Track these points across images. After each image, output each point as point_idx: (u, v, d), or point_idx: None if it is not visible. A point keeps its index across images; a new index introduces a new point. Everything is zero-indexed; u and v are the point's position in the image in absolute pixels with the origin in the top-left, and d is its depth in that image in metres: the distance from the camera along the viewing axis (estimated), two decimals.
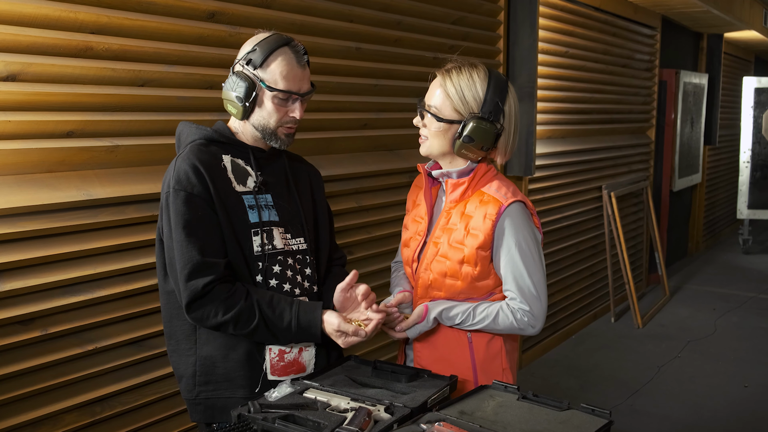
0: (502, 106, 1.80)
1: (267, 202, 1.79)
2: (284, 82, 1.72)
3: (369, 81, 3.07)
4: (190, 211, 1.66)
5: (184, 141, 1.79)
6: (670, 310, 5.84)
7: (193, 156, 1.71)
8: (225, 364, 1.75)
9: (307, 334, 1.71)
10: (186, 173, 1.68)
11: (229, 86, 1.73)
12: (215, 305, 1.65)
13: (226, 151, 1.78)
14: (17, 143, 1.92)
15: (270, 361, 1.76)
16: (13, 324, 1.92)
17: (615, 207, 5.32)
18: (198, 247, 1.65)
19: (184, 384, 1.79)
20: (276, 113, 1.75)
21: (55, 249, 1.98)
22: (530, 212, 1.86)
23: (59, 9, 1.95)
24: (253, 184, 1.77)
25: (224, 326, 1.67)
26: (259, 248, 1.74)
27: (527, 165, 4.07)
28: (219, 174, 1.73)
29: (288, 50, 1.73)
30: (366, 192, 3.10)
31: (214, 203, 1.69)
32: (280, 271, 1.77)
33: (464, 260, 1.82)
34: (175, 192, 1.67)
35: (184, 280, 1.64)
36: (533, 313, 1.80)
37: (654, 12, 6.02)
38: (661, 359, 4.67)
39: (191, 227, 1.65)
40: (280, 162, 1.88)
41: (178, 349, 1.79)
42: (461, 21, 3.60)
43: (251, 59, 1.72)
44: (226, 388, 1.76)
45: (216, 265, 1.66)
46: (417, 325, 1.85)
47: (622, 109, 5.78)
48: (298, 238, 1.83)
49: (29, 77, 1.93)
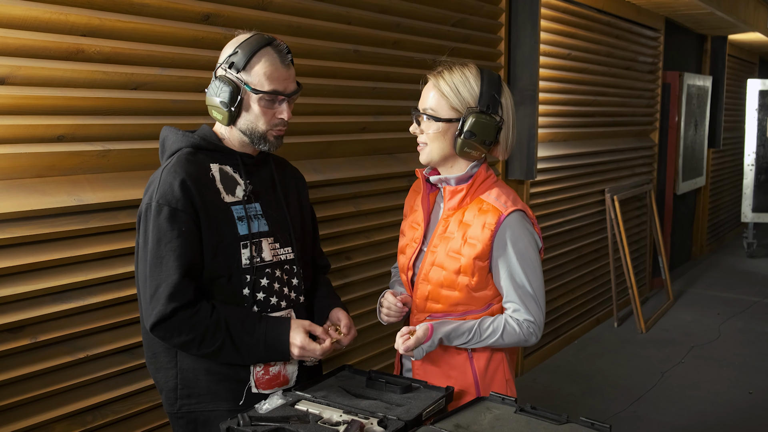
0: (498, 98, 1.76)
1: (256, 211, 1.75)
2: (269, 84, 1.67)
3: (367, 84, 3.03)
4: (173, 228, 1.62)
5: (170, 148, 1.75)
6: (674, 314, 5.78)
7: (181, 168, 1.66)
8: (208, 377, 1.71)
9: (276, 351, 1.67)
10: (171, 186, 1.63)
11: (212, 91, 1.68)
12: (179, 326, 1.61)
13: (213, 159, 1.74)
14: (6, 148, 1.89)
15: (255, 374, 1.73)
16: (2, 332, 1.88)
17: (618, 210, 5.27)
18: (177, 267, 1.60)
19: (165, 397, 1.76)
20: (263, 116, 1.70)
21: (44, 255, 1.94)
22: (531, 221, 1.81)
23: (49, 11, 1.91)
24: (242, 193, 1.73)
25: (188, 346, 1.63)
26: (247, 261, 1.70)
27: (529, 168, 4.02)
28: (207, 186, 1.68)
29: (271, 50, 1.69)
30: (365, 196, 3.07)
31: (198, 218, 1.65)
32: (267, 284, 1.73)
33: (461, 270, 1.77)
34: (158, 206, 1.62)
35: (155, 298, 1.60)
36: (536, 323, 1.77)
37: (657, 14, 5.98)
38: (665, 365, 4.62)
39: (172, 245, 1.61)
40: (267, 168, 1.85)
41: (157, 362, 1.75)
42: (461, 23, 3.56)
43: (233, 62, 1.67)
44: (209, 401, 1.72)
45: (188, 289, 1.62)
46: (422, 346, 1.76)
47: (625, 112, 5.73)
48: (286, 248, 1.80)
49: (18, 80, 1.89)
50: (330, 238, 2.89)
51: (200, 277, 1.67)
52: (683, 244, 7.53)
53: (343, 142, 2.97)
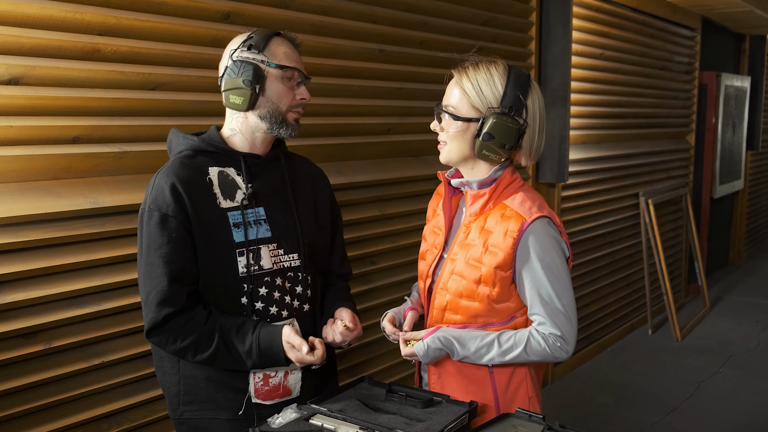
0: (524, 100, 1.64)
1: (258, 216, 1.68)
2: (289, 62, 1.68)
3: (393, 84, 2.95)
4: (162, 234, 1.57)
5: (174, 151, 1.71)
6: (711, 322, 5.61)
7: (173, 172, 1.61)
8: (207, 385, 1.67)
9: (269, 357, 1.60)
10: (162, 191, 1.59)
11: (231, 74, 1.64)
12: (174, 333, 1.58)
13: (214, 162, 1.68)
14: (21, 149, 1.85)
15: (254, 384, 1.67)
16: (16, 337, 1.85)
17: (653, 214, 5.13)
18: (165, 273, 1.57)
19: (169, 402, 1.73)
20: (286, 95, 1.68)
21: (59, 259, 1.90)
22: (558, 228, 1.69)
23: (65, 10, 1.87)
24: (241, 197, 1.67)
25: (184, 353, 1.60)
26: (244, 269, 1.64)
27: (560, 171, 3.92)
28: (201, 190, 1.62)
29: (282, 37, 1.72)
30: (390, 200, 2.99)
31: (191, 224, 1.60)
32: (266, 293, 1.67)
33: (481, 280, 1.66)
34: (149, 211, 1.59)
35: (147, 305, 1.59)
36: (565, 338, 1.64)
37: (694, 13, 5.82)
38: (701, 374, 4.47)
39: (161, 251, 1.57)
40: (277, 168, 1.77)
41: (162, 367, 1.72)
42: (491, 22, 3.46)
43: (252, 44, 1.65)
44: (209, 408, 1.68)
45: (180, 295, 1.58)
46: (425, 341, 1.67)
47: (660, 114, 5.58)
48: (291, 254, 1.72)
49: (33, 80, 1.85)
50: (354, 242, 2.82)
51: (194, 284, 1.62)
52: (720, 249, 7.33)
53: (368, 144, 2.90)
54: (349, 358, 2.83)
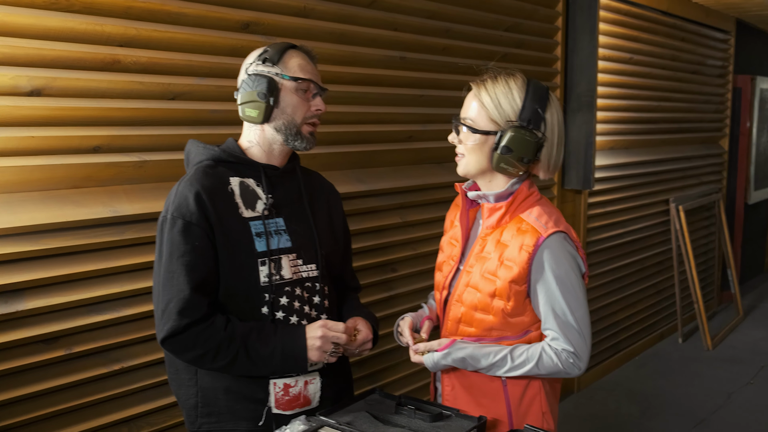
0: (542, 113, 1.64)
1: (278, 226, 1.70)
2: (304, 74, 1.70)
3: (414, 91, 2.95)
4: (186, 242, 1.58)
5: (192, 161, 1.73)
6: (744, 331, 5.49)
7: (197, 181, 1.63)
8: (227, 396, 1.67)
9: (292, 360, 1.60)
10: (186, 199, 1.60)
11: (246, 87, 1.67)
12: (192, 341, 1.57)
13: (234, 172, 1.70)
14: (42, 159, 1.88)
15: (275, 395, 1.67)
16: (37, 343, 1.88)
17: (683, 221, 5.04)
18: (188, 281, 1.57)
19: (186, 415, 1.73)
20: (300, 107, 1.70)
21: (80, 267, 1.93)
22: (574, 244, 1.68)
23: (85, 22, 1.91)
24: (262, 208, 1.68)
25: (201, 360, 1.59)
26: (266, 278, 1.65)
27: (586, 178, 3.87)
28: (224, 199, 1.64)
29: (298, 50, 1.74)
30: (411, 207, 2.99)
31: (213, 233, 1.61)
32: (287, 302, 1.67)
33: (496, 293, 1.66)
34: (172, 219, 1.60)
35: (166, 312, 1.57)
36: (578, 354, 1.63)
37: (727, 15, 5.71)
38: (732, 385, 4.37)
39: (184, 259, 1.58)
40: (294, 180, 1.79)
41: (178, 378, 1.72)
42: (515, 28, 3.44)
43: (266, 57, 1.68)
44: (228, 420, 1.68)
45: (201, 304, 1.58)
46: (434, 354, 1.68)
47: (692, 118, 5.49)
48: (310, 265, 1.73)
49: (54, 92, 1.89)
50: (375, 250, 2.82)
51: (215, 293, 1.63)
52: (755, 256, 7.18)
53: (389, 151, 2.90)
54: (366, 366, 2.83)
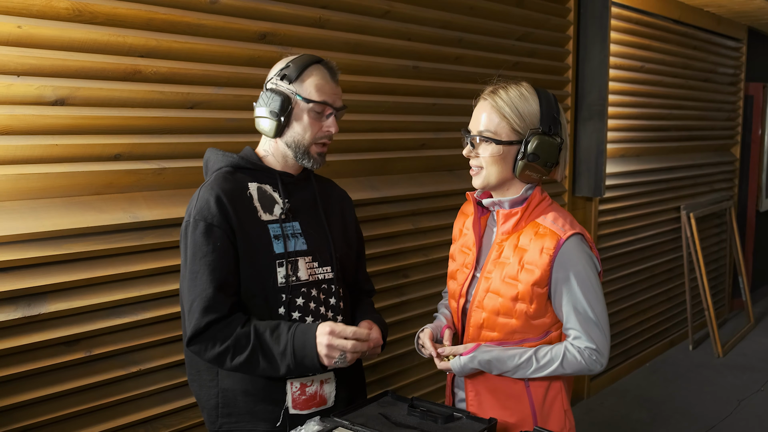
0: (558, 117, 1.71)
1: (294, 230, 1.75)
2: (319, 95, 1.72)
3: (427, 100, 2.99)
4: (208, 243, 1.64)
5: (211, 168, 1.78)
6: (754, 338, 5.48)
7: (217, 185, 1.68)
8: (246, 398, 1.72)
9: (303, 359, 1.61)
10: (207, 203, 1.65)
11: (262, 102, 1.72)
12: (213, 338, 1.62)
13: (252, 178, 1.75)
14: (65, 166, 1.94)
15: (291, 395, 1.71)
16: (58, 345, 1.93)
17: (694, 228, 5.05)
18: (210, 280, 1.62)
19: (207, 415, 1.77)
20: (311, 128, 1.73)
21: (100, 271, 1.99)
22: (589, 244, 1.74)
23: (108, 33, 1.96)
24: (279, 212, 1.73)
25: (222, 358, 1.62)
26: (283, 279, 1.69)
27: (597, 185, 3.90)
28: (243, 203, 1.70)
29: (321, 66, 1.75)
30: (423, 213, 3.03)
31: (234, 235, 1.66)
32: (303, 303, 1.72)
33: (518, 297, 1.70)
34: (194, 222, 1.65)
35: (191, 313, 1.62)
36: (600, 351, 1.68)
37: (739, 23, 5.72)
38: (742, 393, 4.38)
39: (206, 260, 1.63)
40: (309, 187, 1.85)
41: (200, 379, 1.76)
42: (527, 37, 3.48)
43: (285, 74, 1.72)
44: (247, 420, 1.72)
45: (224, 303, 1.62)
46: (461, 358, 1.71)
47: (704, 126, 5.50)
48: (325, 267, 1.78)
49: (77, 101, 1.95)
50: (387, 256, 2.86)
51: (236, 294, 1.67)
52: (766, 263, 7.16)
53: (402, 159, 2.94)
54: (379, 370, 2.87)
